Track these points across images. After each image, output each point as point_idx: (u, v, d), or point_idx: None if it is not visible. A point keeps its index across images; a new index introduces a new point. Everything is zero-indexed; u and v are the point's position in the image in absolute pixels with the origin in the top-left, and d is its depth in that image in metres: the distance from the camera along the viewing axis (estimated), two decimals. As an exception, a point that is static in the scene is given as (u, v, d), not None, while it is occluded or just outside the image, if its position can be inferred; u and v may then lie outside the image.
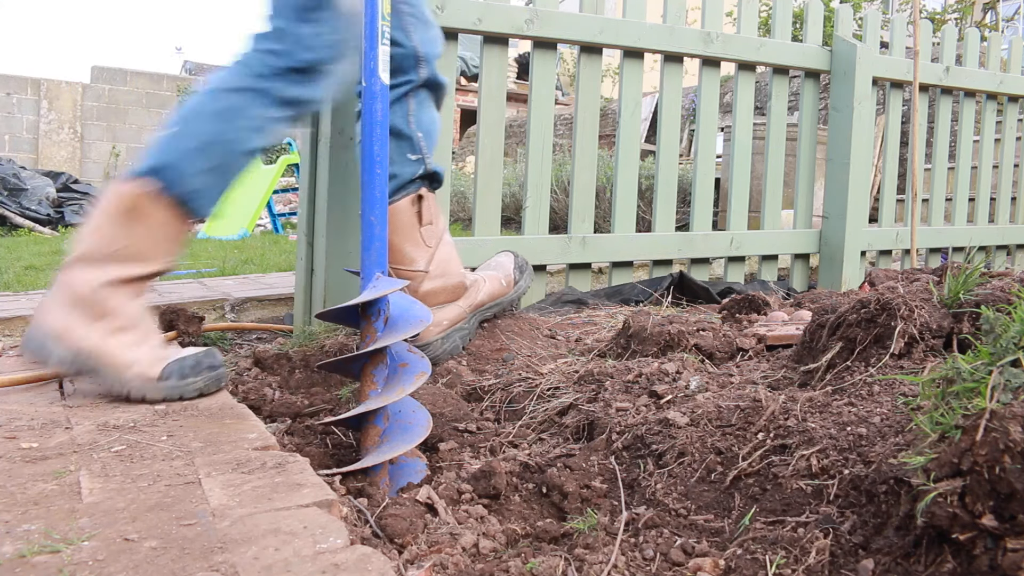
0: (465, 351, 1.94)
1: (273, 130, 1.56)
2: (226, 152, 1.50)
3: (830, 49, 3.41)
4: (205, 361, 1.47)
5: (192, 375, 1.45)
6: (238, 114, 1.50)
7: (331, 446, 1.47)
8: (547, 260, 2.81)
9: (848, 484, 0.99)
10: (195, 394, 1.44)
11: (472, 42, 10.46)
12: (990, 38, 4.09)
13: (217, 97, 1.51)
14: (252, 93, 1.51)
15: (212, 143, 1.48)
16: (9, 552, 0.87)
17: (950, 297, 1.31)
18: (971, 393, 0.92)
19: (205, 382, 1.46)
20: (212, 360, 1.49)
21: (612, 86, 11.27)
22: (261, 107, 1.51)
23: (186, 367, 1.44)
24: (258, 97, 1.51)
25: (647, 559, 0.99)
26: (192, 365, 1.45)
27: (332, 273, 2.33)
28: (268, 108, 1.52)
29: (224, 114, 1.49)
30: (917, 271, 2.47)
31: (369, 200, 1.39)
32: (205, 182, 1.49)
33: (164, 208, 1.46)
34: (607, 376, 1.56)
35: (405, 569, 0.96)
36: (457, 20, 2.53)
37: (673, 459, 1.18)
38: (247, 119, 1.50)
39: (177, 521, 0.97)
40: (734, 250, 3.24)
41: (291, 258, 4.65)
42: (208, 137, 1.48)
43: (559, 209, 5.62)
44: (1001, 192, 4.19)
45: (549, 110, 2.80)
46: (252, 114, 1.51)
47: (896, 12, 11.32)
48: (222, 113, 1.49)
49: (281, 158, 7.86)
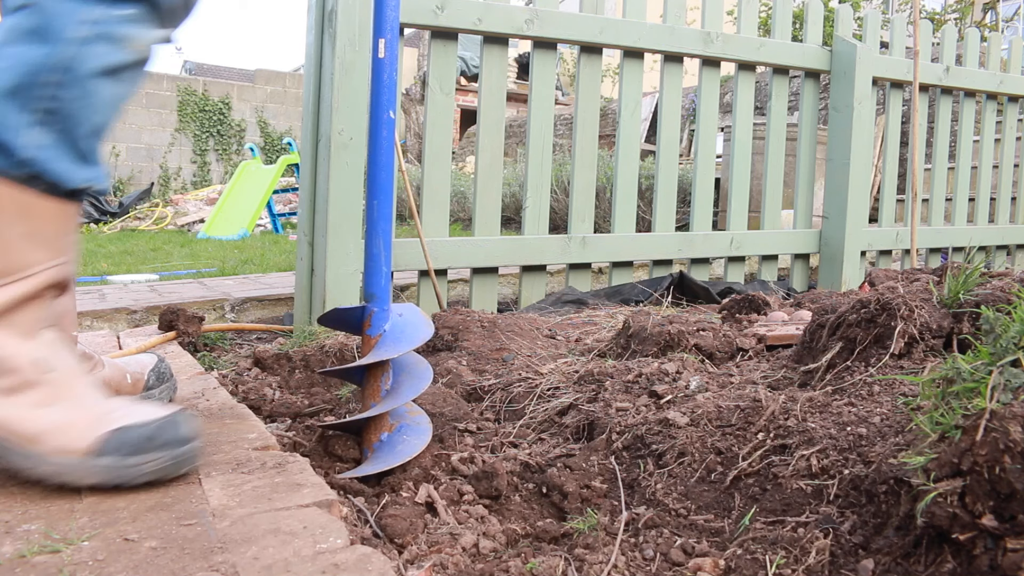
0: (465, 351, 1.94)
1: (121, 34, 1.06)
2: (62, 84, 1.03)
3: (830, 49, 3.41)
4: (164, 433, 1.05)
5: (140, 452, 1.03)
6: (58, 26, 1.02)
7: (331, 446, 1.46)
8: (547, 260, 2.81)
9: (848, 484, 0.99)
10: (142, 480, 1.04)
11: (472, 42, 10.49)
12: (990, 38, 4.10)
13: (22, 19, 1.03)
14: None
15: (32, 78, 1.02)
16: (9, 552, 0.87)
17: (950, 297, 1.31)
18: (971, 393, 0.92)
19: (161, 464, 1.04)
20: (176, 431, 1.06)
21: (612, 86, 11.27)
22: (81, 6, 1.03)
23: (133, 439, 1.03)
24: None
25: (647, 559, 0.99)
26: (145, 437, 1.04)
27: (332, 273, 2.33)
28: (99, 5, 1.04)
29: (36, 34, 1.03)
30: (917, 271, 2.47)
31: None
32: (47, 136, 1.03)
33: (5, 191, 1.02)
34: (607, 376, 1.56)
35: (405, 569, 0.96)
36: (457, 20, 2.53)
37: (673, 459, 1.18)
38: (71, 27, 1.03)
39: (177, 521, 0.97)
40: (734, 250, 3.24)
41: (291, 258, 4.65)
42: (24, 70, 1.02)
43: (559, 209, 5.62)
44: (1001, 192, 4.19)
45: (549, 110, 2.80)
46: (80, 18, 1.03)
47: (896, 12, 11.32)
48: (33, 34, 1.03)
49: (281, 158, 7.87)
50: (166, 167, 13.68)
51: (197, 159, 13.98)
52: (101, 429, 1.04)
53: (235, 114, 14.44)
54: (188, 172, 13.92)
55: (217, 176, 14.14)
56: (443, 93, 2.58)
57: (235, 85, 14.61)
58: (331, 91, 2.30)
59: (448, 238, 2.61)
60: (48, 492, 1.04)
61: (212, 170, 14.18)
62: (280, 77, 15.08)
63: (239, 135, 14.41)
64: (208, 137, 14.07)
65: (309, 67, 2.40)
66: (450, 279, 2.91)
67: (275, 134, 14.68)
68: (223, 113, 14.25)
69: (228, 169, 14.09)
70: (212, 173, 14.16)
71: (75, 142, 1.06)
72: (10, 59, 1.02)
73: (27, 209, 1.03)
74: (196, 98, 13.91)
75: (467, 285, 2.91)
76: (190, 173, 13.93)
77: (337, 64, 2.29)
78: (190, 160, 13.93)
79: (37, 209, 1.04)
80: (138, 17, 1.07)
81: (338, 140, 2.31)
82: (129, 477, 1.03)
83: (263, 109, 14.72)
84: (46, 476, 1.02)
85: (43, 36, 1.02)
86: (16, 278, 1.03)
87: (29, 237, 1.04)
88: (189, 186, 13.77)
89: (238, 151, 14.29)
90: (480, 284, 2.73)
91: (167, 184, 13.60)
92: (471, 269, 2.71)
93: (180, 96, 13.77)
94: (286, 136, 13.68)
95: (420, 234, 2.50)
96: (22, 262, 1.03)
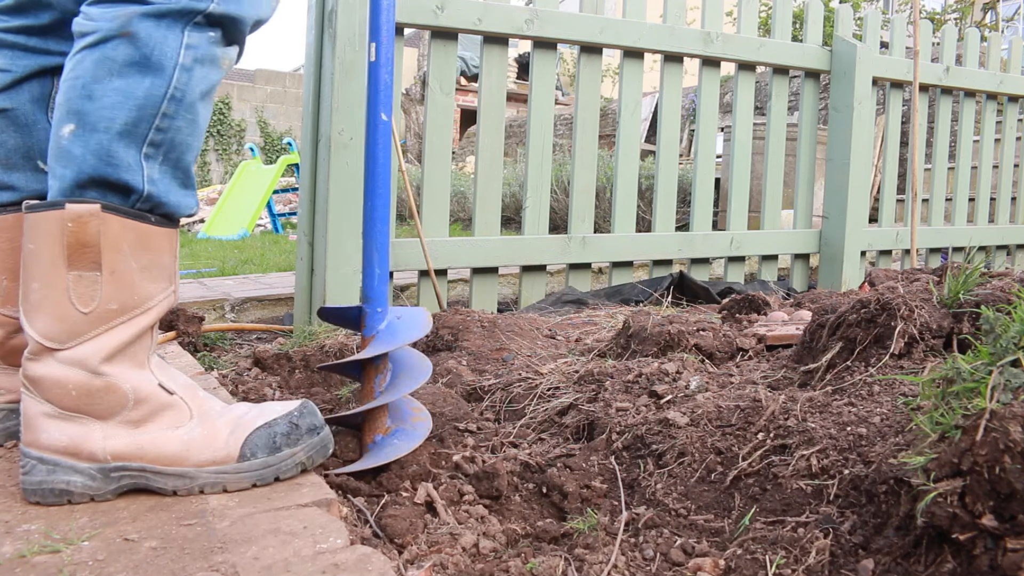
0: (465, 351, 1.94)
1: (214, 55, 1.09)
2: (175, 114, 1.06)
3: (830, 49, 3.41)
4: (304, 422, 1.12)
5: (288, 445, 1.10)
6: (160, 55, 1.03)
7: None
8: (547, 260, 2.81)
9: (848, 484, 0.99)
10: (295, 472, 1.10)
11: (472, 42, 10.48)
12: (990, 38, 4.09)
13: (113, 49, 1.02)
14: (164, 21, 1.03)
15: (146, 111, 1.03)
16: (9, 552, 0.87)
17: (950, 297, 1.30)
18: (971, 393, 0.92)
19: (309, 452, 1.12)
20: (312, 419, 1.14)
21: (612, 86, 11.27)
22: (181, 33, 1.04)
23: (277, 434, 1.10)
24: (175, 23, 1.04)
25: (647, 559, 0.99)
26: (287, 430, 1.10)
27: (332, 273, 2.33)
28: (194, 31, 1.05)
29: (139, 65, 1.02)
30: (917, 271, 2.47)
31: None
32: (161, 168, 1.06)
33: (121, 225, 1.03)
34: (607, 376, 1.56)
35: (405, 569, 0.96)
36: (457, 20, 2.53)
37: (673, 459, 1.18)
38: (174, 55, 1.04)
39: (177, 521, 0.97)
40: (734, 250, 3.24)
41: (291, 258, 4.65)
42: (137, 104, 1.02)
43: (559, 209, 5.62)
44: (1001, 192, 4.19)
45: (549, 110, 2.80)
46: (175, 46, 1.04)
47: (896, 12, 11.32)
48: (135, 66, 1.02)
49: (281, 158, 7.86)
50: (166, 167, 13.67)
51: (197, 159, 13.98)
52: (242, 433, 1.08)
53: (235, 114, 14.44)
54: (188, 172, 13.91)
55: (217, 176, 14.14)
56: (443, 93, 2.58)
57: (235, 85, 14.60)
58: (331, 91, 2.30)
59: (448, 238, 2.61)
60: (48, 492, 1.04)
61: (212, 170, 14.18)
62: (280, 77, 15.07)
63: (239, 135, 14.41)
64: (208, 137, 14.07)
65: (309, 67, 2.40)
66: (450, 279, 2.91)
67: (275, 134, 14.68)
68: (223, 113, 14.24)
69: (228, 169, 14.08)
70: (212, 173, 14.16)
71: (184, 169, 1.10)
72: (118, 94, 1.02)
73: (146, 242, 1.05)
74: (196, 98, 13.91)
75: (467, 285, 2.91)
76: (190, 173, 13.92)
77: (337, 64, 2.29)
78: (190, 160, 13.92)
79: (154, 241, 1.06)
80: (222, 37, 1.10)
81: (338, 140, 2.31)
82: (283, 470, 1.09)
83: (263, 109, 14.72)
84: (203, 488, 1.06)
85: (149, 67, 1.03)
86: (139, 312, 1.06)
87: (148, 269, 1.06)
88: (189, 186, 13.75)
89: (238, 151, 14.29)
90: (480, 284, 2.73)
91: (167, 184, 13.58)
92: (471, 269, 2.71)
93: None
94: (286, 136, 13.68)
95: (420, 234, 2.50)
96: (144, 295, 1.06)
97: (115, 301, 1.03)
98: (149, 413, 1.06)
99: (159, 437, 1.06)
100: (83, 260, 1.01)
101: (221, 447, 1.07)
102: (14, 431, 1.21)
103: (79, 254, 1.01)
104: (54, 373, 1.02)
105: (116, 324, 1.04)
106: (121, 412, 1.04)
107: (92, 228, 1.01)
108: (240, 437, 1.08)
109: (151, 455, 1.04)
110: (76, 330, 1.02)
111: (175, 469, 1.05)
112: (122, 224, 1.03)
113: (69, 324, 1.01)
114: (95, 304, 1.02)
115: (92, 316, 1.02)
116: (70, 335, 1.02)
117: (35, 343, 1.02)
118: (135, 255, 1.04)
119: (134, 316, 1.05)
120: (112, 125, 1.02)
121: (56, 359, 1.02)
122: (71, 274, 1.01)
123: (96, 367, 1.03)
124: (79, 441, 1.02)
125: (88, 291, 1.02)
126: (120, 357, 1.05)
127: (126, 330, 1.05)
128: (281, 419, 1.11)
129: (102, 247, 1.02)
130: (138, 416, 1.05)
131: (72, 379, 1.02)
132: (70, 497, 1.01)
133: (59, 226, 1.00)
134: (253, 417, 1.11)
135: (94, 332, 1.03)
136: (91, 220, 1.00)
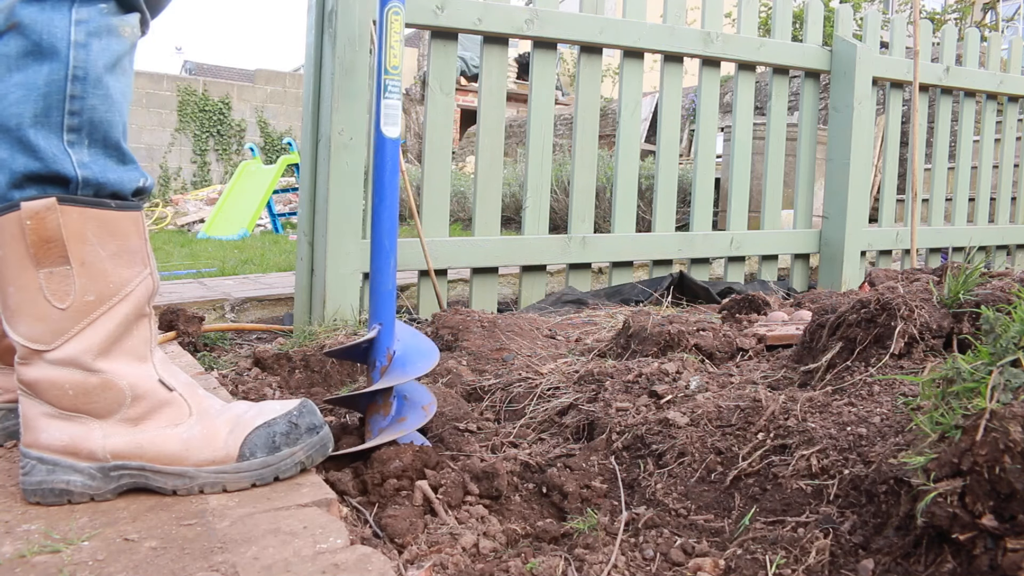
0: (465, 351, 1.94)
1: (110, 25, 1.04)
2: (83, 94, 1.02)
3: (830, 49, 3.41)
4: (303, 421, 1.12)
5: (288, 444, 1.10)
6: (51, 38, 0.99)
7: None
8: (547, 260, 2.81)
9: (848, 484, 0.99)
10: (294, 471, 1.10)
11: (472, 42, 10.48)
12: (990, 38, 4.10)
13: (5, 45, 1.00)
14: (48, 3, 1.00)
15: (53, 97, 1.00)
16: (9, 552, 0.87)
17: (950, 297, 1.30)
18: (971, 393, 0.92)
19: (309, 451, 1.12)
20: (312, 418, 1.13)
21: (612, 86, 11.27)
22: (68, 11, 1.00)
23: (276, 433, 1.09)
24: (59, 2, 1.00)
25: (647, 559, 0.99)
26: (286, 429, 1.10)
27: (332, 273, 2.33)
28: (82, 5, 1.01)
29: (34, 54, 0.99)
30: (917, 271, 2.47)
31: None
32: (88, 149, 1.03)
33: (81, 215, 1.01)
34: (607, 376, 1.56)
35: (405, 569, 0.96)
36: (457, 20, 2.53)
37: (673, 459, 1.18)
38: (64, 35, 1.00)
39: (177, 521, 0.97)
40: (734, 250, 3.24)
41: (291, 258, 4.65)
42: (41, 93, 0.99)
43: (559, 209, 5.62)
44: (1001, 192, 4.19)
45: (549, 110, 2.80)
46: (64, 26, 1.00)
47: (896, 12, 11.32)
48: (30, 55, 0.99)
49: (281, 158, 7.87)
50: (166, 167, 13.68)
51: (197, 159, 13.99)
52: (241, 432, 1.08)
53: (235, 114, 14.44)
54: (188, 172, 13.92)
55: (217, 176, 14.14)
56: (443, 93, 2.58)
57: (235, 85, 14.60)
58: (331, 91, 2.30)
59: (448, 238, 2.61)
60: (48, 492, 1.04)
61: (212, 170, 14.18)
62: (280, 77, 15.07)
63: (239, 135, 14.41)
64: (208, 137, 14.07)
65: (309, 67, 2.40)
66: (450, 279, 2.91)
67: (275, 134, 14.68)
68: (223, 113, 14.24)
69: (228, 169, 14.09)
70: (212, 173, 14.16)
71: (114, 146, 1.06)
72: (20, 88, 1.00)
73: (111, 228, 1.03)
74: (196, 98, 13.91)
75: (467, 285, 2.91)
76: (190, 173, 13.93)
77: (337, 64, 2.29)
78: (190, 160, 13.93)
79: (119, 225, 1.04)
80: (116, 5, 1.06)
81: (338, 140, 2.31)
82: (283, 469, 1.08)
83: (263, 109, 14.72)
84: (203, 488, 1.05)
85: (43, 53, 1.00)
86: (118, 299, 1.04)
87: (119, 256, 1.04)
88: (189, 186, 13.77)
89: (238, 151, 14.29)
90: (480, 284, 2.73)
91: (167, 184, 13.60)
92: (471, 269, 2.71)
93: (180, 96, 13.77)
94: (286, 136, 13.68)
95: (420, 234, 2.50)
96: (119, 281, 1.04)
97: (91, 292, 1.02)
98: (148, 410, 1.06)
99: (159, 436, 1.05)
100: (50, 256, 1.00)
101: (220, 446, 1.07)
102: (14, 431, 1.21)
103: (44, 251, 1.00)
104: (49, 375, 1.01)
105: (98, 316, 1.03)
106: (119, 409, 1.04)
107: (51, 222, 0.99)
108: (239, 436, 1.08)
109: (151, 454, 1.04)
110: (58, 328, 1.01)
111: (175, 468, 1.05)
112: (82, 213, 1.01)
113: (50, 323, 1.01)
114: (71, 298, 1.01)
115: (71, 311, 1.02)
116: (54, 334, 1.01)
117: (22, 347, 1.01)
118: (102, 243, 1.03)
119: (114, 304, 1.04)
120: (23, 121, 0.99)
121: (46, 360, 1.01)
122: (41, 272, 1.00)
123: (90, 364, 1.02)
124: (79, 440, 1.02)
125: (62, 286, 1.01)
126: (115, 352, 1.04)
127: (109, 320, 1.04)
128: (280, 418, 1.11)
129: (66, 239, 1.00)
130: (136, 413, 1.05)
131: (68, 379, 1.02)
132: (70, 497, 1.01)
133: (19, 227, 0.99)
134: (252, 416, 1.11)
135: (77, 327, 1.02)
136: (48, 215, 0.99)
